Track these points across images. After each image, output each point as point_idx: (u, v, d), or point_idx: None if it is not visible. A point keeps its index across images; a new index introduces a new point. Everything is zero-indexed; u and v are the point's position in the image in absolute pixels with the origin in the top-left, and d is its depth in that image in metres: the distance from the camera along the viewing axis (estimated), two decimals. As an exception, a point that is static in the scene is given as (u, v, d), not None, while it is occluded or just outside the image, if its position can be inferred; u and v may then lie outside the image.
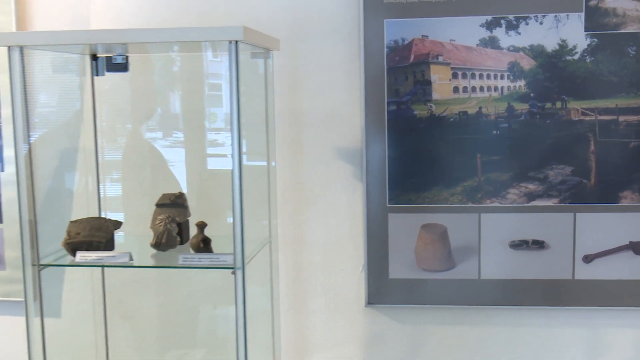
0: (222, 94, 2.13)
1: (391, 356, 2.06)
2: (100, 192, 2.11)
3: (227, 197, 1.99)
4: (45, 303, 1.80)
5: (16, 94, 1.68)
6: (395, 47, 1.91)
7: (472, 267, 1.96)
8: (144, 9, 2.05)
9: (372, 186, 1.97)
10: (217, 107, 2.12)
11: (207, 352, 2.17)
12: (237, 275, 1.62)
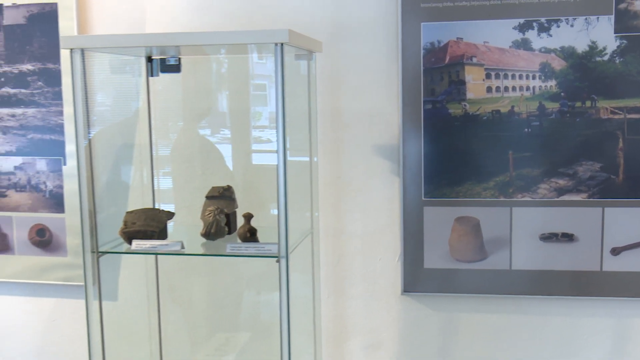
0: (267, 94, 2.14)
1: (425, 342, 2.08)
2: (154, 185, 2.12)
3: (271, 190, 2.01)
4: (103, 287, 1.83)
5: (77, 93, 1.71)
6: (431, 49, 1.93)
7: (504, 258, 1.96)
8: (195, 14, 2.08)
9: (408, 181, 1.98)
10: (262, 106, 2.14)
11: (251, 336, 2.20)
12: (281, 264, 1.64)
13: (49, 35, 2.15)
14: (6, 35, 2.17)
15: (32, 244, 2.26)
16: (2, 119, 2.22)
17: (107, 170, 2.06)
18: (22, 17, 2.15)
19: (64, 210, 2.23)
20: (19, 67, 2.18)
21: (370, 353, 2.12)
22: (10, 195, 2.26)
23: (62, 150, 2.21)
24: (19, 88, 2.19)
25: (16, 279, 2.29)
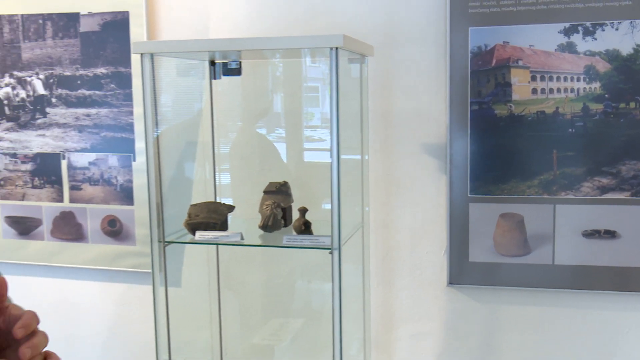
0: (319, 95, 2.16)
1: (469, 332, 2.09)
2: (215, 180, 2.16)
3: (323, 186, 2.04)
4: (168, 275, 1.88)
5: (146, 95, 1.75)
6: (478, 52, 1.94)
7: (547, 253, 1.96)
8: (255, 21, 2.12)
9: (455, 178, 2.00)
10: (314, 107, 2.17)
11: (304, 322, 2.24)
12: (334, 255, 1.66)
13: (121, 41, 2.20)
14: (82, 41, 2.23)
15: (104, 234, 2.32)
16: (78, 118, 2.27)
17: (173, 166, 2.11)
18: (97, 25, 2.20)
19: (133, 202, 2.28)
20: (93, 71, 2.23)
21: (417, 341, 2.13)
22: (84, 189, 2.31)
23: (132, 147, 2.26)
24: (94, 90, 2.24)
25: (90, 265, 2.35)
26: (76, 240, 2.36)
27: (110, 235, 2.32)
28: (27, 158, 2.35)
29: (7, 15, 2.28)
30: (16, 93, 2.32)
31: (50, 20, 2.25)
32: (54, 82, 2.28)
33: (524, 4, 1.90)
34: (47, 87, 2.29)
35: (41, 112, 2.31)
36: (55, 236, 2.37)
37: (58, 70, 2.27)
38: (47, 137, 2.32)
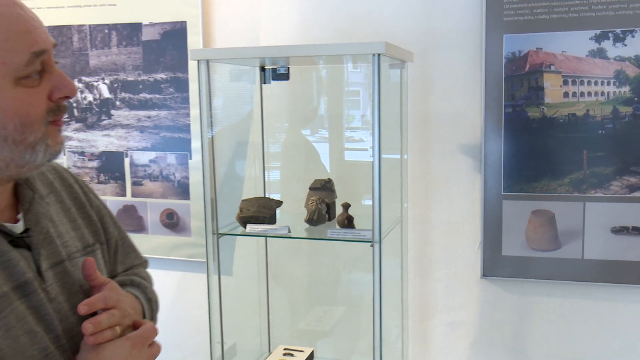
0: (360, 99, 2.20)
1: (502, 322, 2.11)
2: (265, 177, 2.20)
3: (362, 183, 2.09)
4: (221, 264, 1.92)
5: (202, 98, 1.79)
6: (512, 58, 1.96)
7: (576, 248, 1.97)
8: (302, 28, 2.15)
9: (489, 177, 2.02)
10: (355, 109, 2.20)
11: (345, 310, 2.27)
12: (375, 248, 1.69)
13: (179, 49, 2.24)
14: (144, 49, 2.28)
15: (163, 225, 2.37)
16: (140, 119, 2.33)
17: (226, 164, 2.17)
18: (157, 34, 2.26)
19: (189, 197, 2.33)
20: (154, 76, 2.29)
21: (451, 329, 2.16)
22: (145, 184, 2.37)
23: (189, 146, 2.30)
24: (154, 94, 2.30)
25: (150, 254, 2.30)
26: (137, 231, 2.41)
27: (168, 227, 2.37)
28: (93, 156, 2.42)
29: (76, 26, 2.35)
30: (84, 97, 2.38)
31: (115, 30, 2.31)
32: (118, 87, 2.35)
33: (556, 12, 1.92)
34: (112, 91, 2.36)
35: (106, 114, 2.38)
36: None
37: (122, 75, 2.34)
38: (111, 136, 2.39)
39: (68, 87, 1.01)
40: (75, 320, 1.09)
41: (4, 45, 0.94)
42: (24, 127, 0.97)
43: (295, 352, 2.17)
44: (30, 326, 1.00)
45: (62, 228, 1.16)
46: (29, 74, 0.96)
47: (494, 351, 2.14)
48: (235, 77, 2.15)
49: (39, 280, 1.04)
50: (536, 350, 2.10)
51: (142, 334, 1.10)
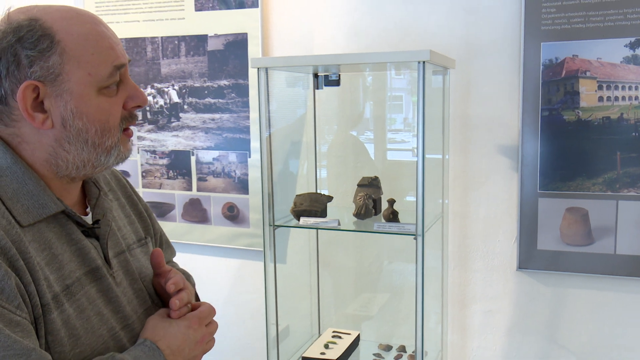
0: (402, 104, 2.18)
1: (536, 312, 2.07)
2: (316, 174, 2.22)
3: (404, 180, 2.08)
4: (277, 253, 1.95)
5: (261, 102, 1.82)
6: (549, 64, 1.92)
7: (609, 244, 1.93)
8: (351, 38, 2.15)
9: (525, 175, 1.99)
10: (397, 113, 2.18)
11: (389, 297, 2.26)
12: (418, 241, 1.69)
13: (241, 58, 2.26)
14: (209, 58, 2.31)
15: (224, 217, 2.39)
16: (205, 122, 2.36)
17: (281, 162, 2.18)
18: (221, 44, 2.28)
19: (248, 192, 2.35)
20: (218, 83, 2.31)
21: (488, 318, 2.14)
22: (209, 180, 2.39)
23: (248, 146, 2.32)
24: (218, 98, 2.32)
25: (212, 243, 2.43)
26: (201, 222, 2.44)
27: (229, 219, 2.39)
28: (163, 154, 2.46)
29: (149, 38, 2.40)
30: (156, 101, 2.43)
31: (184, 41, 2.35)
32: (186, 92, 2.38)
33: (592, 21, 1.87)
34: (180, 96, 2.39)
35: (175, 116, 2.42)
36: (184, 219, 2.47)
37: (189, 82, 2.37)
38: (179, 137, 2.42)
39: (141, 97, 1.06)
40: (137, 303, 1.13)
41: (91, 58, 0.97)
42: (103, 132, 1.01)
43: (343, 334, 2.18)
44: (99, 308, 1.03)
45: (121, 222, 1.20)
46: (109, 85, 1.00)
47: (527, 339, 2.11)
48: (291, 83, 2.16)
49: (107, 267, 1.07)
50: (568, 339, 2.06)
51: (198, 315, 1.13)
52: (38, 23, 0.96)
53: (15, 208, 0.96)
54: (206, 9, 2.30)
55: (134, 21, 2.42)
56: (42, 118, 0.97)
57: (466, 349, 2.18)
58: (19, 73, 0.95)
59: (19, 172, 0.98)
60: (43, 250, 0.97)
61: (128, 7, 2.42)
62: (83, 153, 1.00)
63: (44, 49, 0.95)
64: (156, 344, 1.04)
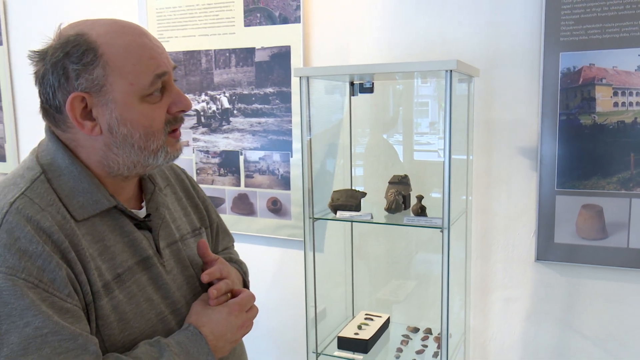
0: (428, 109, 2.16)
1: (553, 300, 2.05)
2: (352, 173, 2.22)
3: (430, 179, 2.06)
4: (316, 243, 1.95)
5: (303, 108, 1.83)
6: (567, 73, 1.89)
7: (622, 238, 1.89)
8: (384, 49, 2.15)
9: (544, 175, 1.97)
10: (424, 117, 2.17)
11: (417, 284, 2.25)
12: (444, 234, 1.67)
13: (284, 68, 2.27)
14: (256, 68, 2.32)
15: (268, 210, 2.40)
16: (253, 125, 2.37)
17: (320, 161, 2.17)
18: (267, 56, 2.29)
19: (290, 188, 2.35)
20: (264, 90, 2.32)
21: (508, 305, 2.11)
22: (255, 177, 2.40)
23: (290, 147, 2.32)
24: (264, 104, 2.33)
25: (257, 233, 2.44)
26: (248, 214, 2.45)
27: (273, 212, 2.40)
28: (215, 154, 2.47)
29: (204, 51, 2.43)
30: (209, 107, 2.44)
31: (234, 54, 2.36)
32: (236, 99, 2.39)
33: (608, 32, 1.84)
34: (230, 102, 2.40)
35: (226, 120, 2.43)
36: (234, 211, 2.48)
37: (239, 90, 2.38)
38: (230, 139, 2.44)
39: (184, 102, 1.03)
40: (187, 289, 1.12)
41: (133, 69, 0.96)
42: (147, 136, 1.00)
43: (374, 317, 2.19)
44: (149, 294, 1.03)
45: (176, 214, 1.19)
46: (151, 92, 0.99)
47: (544, 325, 2.08)
48: (329, 91, 2.16)
49: (158, 256, 1.07)
50: (583, 326, 2.03)
51: (239, 302, 1.12)
52: (83, 38, 0.95)
53: (71, 204, 0.96)
54: (254, 24, 2.32)
55: (191, 36, 2.45)
56: (90, 125, 0.98)
57: (487, 333, 2.17)
58: (68, 85, 0.95)
59: (76, 172, 0.99)
60: (96, 242, 0.97)
61: (186, 24, 2.46)
62: (131, 155, 1.00)
63: (88, 63, 0.94)
64: (199, 330, 1.03)
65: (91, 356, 0.89)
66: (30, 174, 0.97)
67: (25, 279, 0.85)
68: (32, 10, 2.88)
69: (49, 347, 0.84)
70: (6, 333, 0.83)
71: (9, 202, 0.91)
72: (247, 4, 2.32)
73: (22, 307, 0.84)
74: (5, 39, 2.93)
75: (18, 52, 2.95)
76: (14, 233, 0.87)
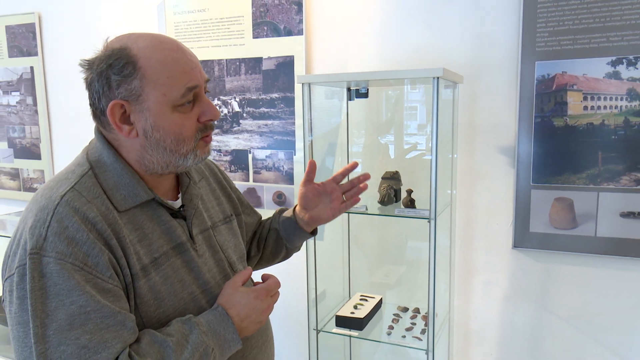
0: (417, 112, 2.14)
1: (528, 283, 2.04)
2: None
3: (418, 175, 2.04)
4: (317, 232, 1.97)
5: (305, 111, 1.82)
6: (542, 80, 1.88)
7: (590, 228, 1.89)
8: (378, 58, 2.14)
9: (521, 171, 1.96)
10: (412, 120, 2.15)
11: (407, 268, 2.24)
12: (431, 224, 1.68)
13: (289, 75, 2.26)
14: (263, 76, 2.30)
15: (274, 203, 2.37)
16: (260, 127, 2.35)
17: (320, 159, 2.16)
18: (273, 64, 2.29)
19: (293, 183, 2.33)
20: (270, 96, 2.31)
21: (488, 288, 2.11)
22: (262, 173, 2.39)
23: (293, 146, 2.31)
24: (270, 108, 2.31)
25: None
26: (256, 206, 2.42)
27: (278, 204, 2.37)
28: (227, 152, 2.46)
29: (216, 60, 2.42)
30: (221, 110, 2.42)
31: (244, 63, 2.35)
32: (245, 103, 2.38)
33: (579, 43, 1.83)
34: (240, 106, 2.39)
35: (236, 122, 2.41)
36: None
37: (248, 95, 2.36)
38: (240, 139, 2.43)
39: (212, 112, 1.03)
40: (217, 271, 1.12)
41: (166, 81, 0.97)
42: (178, 142, 1.00)
43: (369, 298, 2.18)
44: (182, 276, 1.03)
45: (209, 204, 1.20)
46: (183, 103, 0.99)
47: (521, 305, 2.08)
48: (329, 96, 2.15)
49: (191, 242, 1.08)
50: (556, 306, 2.03)
51: (266, 287, 1.12)
52: (125, 52, 0.96)
53: (114, 197, 0.98)
54: (261, 36, 2.30)
55: (205, 47, 2.44)
56: (128, 129, 0.99)
57: (469, 313, 2.16)
58: (110, 93, 0.97)
59: (119, 168, 1.01)
60: (136, 230, 0.99)
61: (201, 36, 2.45)
62: (164, 157, 1.01)
63: (127, 74, 0.95)
64: (227, 311, 1.03)
65: (129, 331, 0.91)
66: (80, 169, 0.99)
67: (72, 263, 0.87)
68: (63, 23, 2.89)
69: (92, 323, 0.86)
70: (55, 310, 0.85)
71: (60, 195, 0.93)
72: (255, 18, 2.31)
73: (69, 287, 0.86)
74: (40, 49, 2.94)
75: (52, 61, 2.95)
76: (63, 222, 0.89)
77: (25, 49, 2.96)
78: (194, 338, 0.97)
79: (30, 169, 3.07)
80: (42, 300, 0.85)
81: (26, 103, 3.00)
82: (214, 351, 0.99)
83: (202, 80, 1.03)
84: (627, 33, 1.78)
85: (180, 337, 0.96)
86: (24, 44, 2.96)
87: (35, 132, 3.03)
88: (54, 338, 0.85)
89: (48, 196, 0.94)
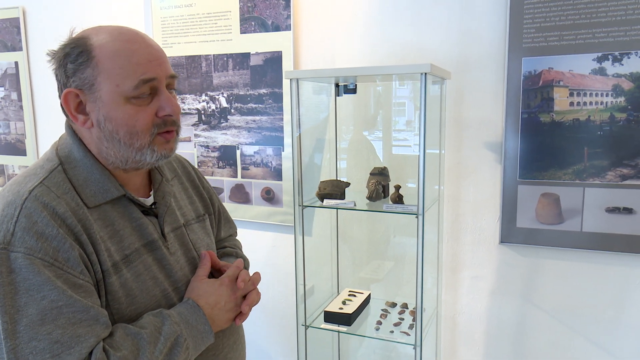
0: (405, 109, 2.13)
1: (515, 277, 2.04)
2: (337, 165, 2.19)
3: (406, 170, 2.04)
4: (305, 228, 1.95)
5: (293, 107, 1.79)
6: (529, 75, 1.87)
7: (576, 223, 1.88)
8: (366, 54, 2.12)
9: (507, 167, 1.95)
10: (401, 116, 2.14)
11: (395, 264, 2.23)
12: (419, 219, 1.66)
13: (276, 71, 2.23)
14: (251, 71, 2.28)
15: (262, 199, 2.37)
16: (248, 122, 2.33)
17: (308, 155, 2.16)
18: (261, 60, 2.26)
19: (281, 178, 2.32)
20: (258, 91, 2.29)
21: (475, 282, 2.11)
22: (251, 169, 2.37)
23: (282, 142, 2.29)
24: (258, 104, 2.29)
25: (252, 219, 2.40)
26: (244, 203, 2.42)
27: (266, 200, 2.37)
28: (215, 148, 2.44)
29: (204, 55, 2.38)
30: (209, 106, 2.40)
31: (231, 58, 2.33)
32: (233, 99, 2.35)
33: (565, 39, 1.82)
34: (228, 102, 2.36)
35: (224, 118, 2.39)
36: (231, 200, 2.44)
37: (235, 90, 2.34)
38: (227, 135, 2.40)
39: (169, 108, 0.99)
40: (189, 268, 1.12)
41: (119, 72, 0.94)
42: (131, 135, 0.97)
43: (357, 293, 2.17)
44: (154, 273, 1.02)
45: (182, 202, 1.18)
46: (138, 95, 0.96)
47: (507, 299, 2.07)
48: (316, 91, 2.13)
49: (162, 240, 1.06)
50: (542, 301, 2.02)
51: (227, 275, 1.11)
52: (82, 41, 0.95)
53: (84, 193, 0.96)
54: (249, 32, 2.28)
55: (192, 42, 2.41)
56: (83, 119, 0.98)
57: (456, 307, 2.16)
58: (67, 81, 0.96)
59: (89, 164, 0.99)
60: (107, 227, 0.97)
61: (188, 31, 2.41)
62: (120, 150, 0.98)
63: (81, 63, 0.94)
64: (196, 302, 1.03)
65: (102, 326, 0.90)
66: (49, 165, 0.98)
67: (41, 258, 0.86)
68: (48, 17, 2.82)
69: (64, 318, 0.85)
70: (25, 305, 0.84)
71: (28, 190, 0.91)
72: (242, 13, 2.28)
73: (39, 282, 0.84)
74: (24, 44, 2.87)
75: (36, 56, 2.89)
76: (32, 217, 0.87)
77: (10, 44, 2.90)
78: (166, 329, 0.96)
79: (16, 165, 3.02)
80: (11, 295, 0.83)
81: (11, 99, 2.95)
82: (187, 341, 0.98)
83: (163, 74, 0.99)
84: (613, 29, 1.76)
85: (153, 329, 0.95)
86: (8, 39, 2.89)
87: (20, 127, 2.96)
88: (25, 333, 0.83)
89: (15, 191, 0.92)
